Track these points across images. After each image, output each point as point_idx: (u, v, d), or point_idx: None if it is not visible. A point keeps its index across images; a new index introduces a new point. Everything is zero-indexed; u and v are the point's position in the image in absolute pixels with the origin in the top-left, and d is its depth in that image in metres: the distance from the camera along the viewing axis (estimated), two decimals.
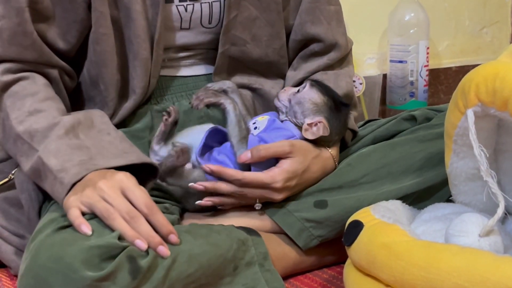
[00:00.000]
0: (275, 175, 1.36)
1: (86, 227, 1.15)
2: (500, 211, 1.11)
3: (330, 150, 1.45)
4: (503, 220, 1.27)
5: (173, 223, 1.28)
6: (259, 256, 1.30)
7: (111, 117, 1.42)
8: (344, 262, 1.27)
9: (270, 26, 1.52)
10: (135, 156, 1.29)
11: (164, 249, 1.16)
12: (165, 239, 1.17)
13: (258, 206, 1.39)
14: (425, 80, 2.52)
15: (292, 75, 1.57)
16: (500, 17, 2.88)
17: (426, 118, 1.56)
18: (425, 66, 2.52)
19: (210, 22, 1.48)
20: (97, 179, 1.20)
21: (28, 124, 1.30)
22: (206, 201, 1.38)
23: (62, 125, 1.29)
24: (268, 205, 1.41)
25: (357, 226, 1.21)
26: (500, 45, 2.87)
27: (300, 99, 1.43)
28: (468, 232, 1.11)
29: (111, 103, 1.42)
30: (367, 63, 2.53)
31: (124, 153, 1.29)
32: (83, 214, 1.18)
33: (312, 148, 1.42)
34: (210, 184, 1.36)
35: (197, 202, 1.38)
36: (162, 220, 1.18)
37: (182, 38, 1.48)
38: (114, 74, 1.41)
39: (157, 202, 1.27)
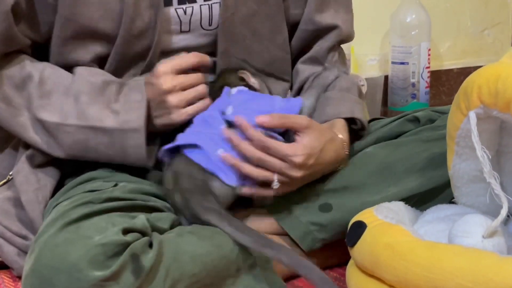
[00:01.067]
0: (297, 148, 1.33)
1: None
2: (503, 212, 1.11)
3: (340, 135, 1.44)
4: (506, 221, 1.27)
5: (174, 224, 1.29)
6: (262, 259, 1.30)
7: None
8: (346, 263, 1.27)
9: (270, 20, 1.51)
10: None
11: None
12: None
13: (276, 184, 1.33)
14: (426, 81, 2.53)
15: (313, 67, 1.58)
16: (502, 19, 2.88)
17: (430, 120, 1.56)
18: (427, 67, 2.52)
19: (210, 24, 1.48)
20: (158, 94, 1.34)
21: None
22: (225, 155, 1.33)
23: (79, 92, 1.35)
24: (272, 207, 1.41)
25: (360, 227, 1.21)
26: (502, 47, 2.87)
27: None
28: (471, 233, 1.12)
29: None
30: (368, 65, 2.53)
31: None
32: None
33: (326, 129, 1.41)
34: (236, 139, 1.32)
35: (220, 151, 1.32)
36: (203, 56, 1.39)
37: (183, 41, 1.47)
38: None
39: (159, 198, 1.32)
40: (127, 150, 1.34)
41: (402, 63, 2.52)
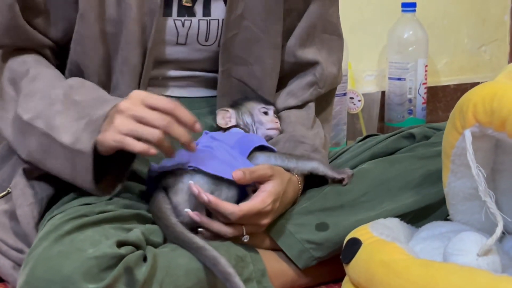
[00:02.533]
0: (265, 198, 1.32)
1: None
2: (498, 231, 1.12)
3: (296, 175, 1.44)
4: (501, 239, 1.28)
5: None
6: (257, 273, 1.30)
7: None
8: (342, 280, 1.27)
9: (274, 48, 1.51)
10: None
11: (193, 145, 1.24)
12: (192, 128, 1.24)
13: (246, 238, 1.32)
14: (423, 97, 2.53)
15: (289, 99, 1.57)
16: (499, 35, 2.89)
17: (425, 136, 1.56)
18: (424, 83, 2.53)
19: (206, 40, 1.48)
20: (114, 112, 1.25)
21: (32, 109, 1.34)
22: (195, 215, 1.29)
23: (56, 100, 1.32)
24: (269, 225, 1.41)
25: (356, 244, 1.21)
26: (499, 64, 2.88)
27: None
28: (466, 251, 1.12)
29: None
30: (366, 80, 2.54)
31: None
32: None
33: (284, 171, 1.40)
34: (206, 220, 1.30)
35: (186, 210, 1.29)
36: (185, 112, 1.24)
37: (178, 53, 1.48)
38: (93, 76, 1.41)
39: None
40: (76, 171, 1.29)
41: (399, 79, 2.53)
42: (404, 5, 2.53)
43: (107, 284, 1.12)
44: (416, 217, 1.42)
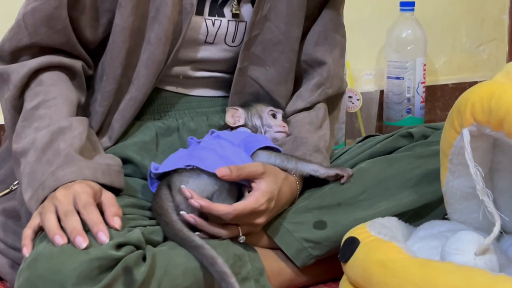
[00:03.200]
0: (258, 198, 1.32)
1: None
2: (496, 230, 1.12)
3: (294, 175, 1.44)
4: (498, 238, 1.28)
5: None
6: (255, 272, 1.31)
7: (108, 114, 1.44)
8: (340, 279, 1.28)
9: (291, 53, 1.53)
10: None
11: (79, 240, 1.14)
12: (95, 236, 1.16)
13: (242, 239, 1.33)
14: (421, 96, 2.53)
15: (298, 102, 1.57)
16: (497, 35, 2.89)
17: (423, 136, 1.57)
18: (422, 82, 2.53)
19: (233, 41, 1.50)
20: (58, 192, 1.22)
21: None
22: (190, 217, 1.29)
23: (36, 146, 1.30)
24: (267, 223, 1.41)
25: (353, 243, 1.21)
26: (497, 63, 2.88)
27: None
28: (464, 250, 1.12)
29: (107, 94, 1.42)
30: (364, 79, 2.54)
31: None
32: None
33: (279, 170, 1.40)
34: (201, 222, 1.30)
35: (182, 212, 1.29)
36: (94, 218, 1.17)
37: (204, 51, 1.49)
38: (117, 68, 1.41)
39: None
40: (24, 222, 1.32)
41: (398, 78, 2.53)
42: (402, 4, 2.53)
43: (105, 285, 1.12)
44: (414, 216, 1.42)
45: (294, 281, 1.42)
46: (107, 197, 1.24)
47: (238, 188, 1.35)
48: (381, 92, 2.56)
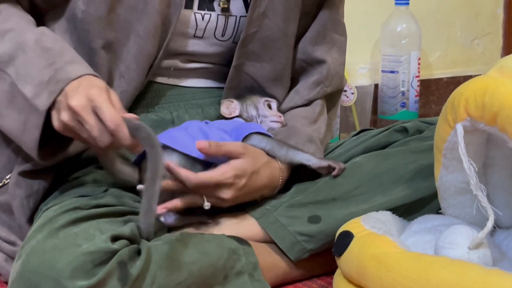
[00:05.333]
0: (225, 171, 1.33)
1: None
2: (489, 224, 1.12)
3: (279, 162, 1.45)
4: (491, 233, 1.28)
5: (161, 229, 1.30)
6: (249, 266, 1.31)
7: None
8: (334, 273, 1.28)
9: (288, 49, 1.53)
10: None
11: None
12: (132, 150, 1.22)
13: (207, 205, 1.33)
14: (416, 90, 2.54)
15: (295, 98, 1.58)
16: (491, 29, 2.89)
17: (418, 130, 1.57)
18: (417, 76, 2.53)
19: (223, 35, 1.50)
20: (69, 98, 1.21)
21: None
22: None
23: (27, 43, 1.29)
24: (261, 216, 1.41)
25: (347, 237, 1.21)
26: (492, 57, 2.89)
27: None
28: (457, 245, 1.12)
29: None
30: (359, 73, 2.54)
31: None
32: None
33: (263, 154, 1.41)
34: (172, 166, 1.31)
35: (138, 187, 1.29)
36: (125, 135, 1.20)
37: (194, 45, 1.49)
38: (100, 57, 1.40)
39: None
40: (26, 127, 1.27)
41: (392, 72, 2.53)
42: None
43: (100, 279, 1.12)
44: (408, 210, 1.42)
45: (288, 275, 1.42)
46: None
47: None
48: (376, 86, 2.57)
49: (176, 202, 1.32)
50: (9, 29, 1.32)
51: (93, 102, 1.20)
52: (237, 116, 1.49)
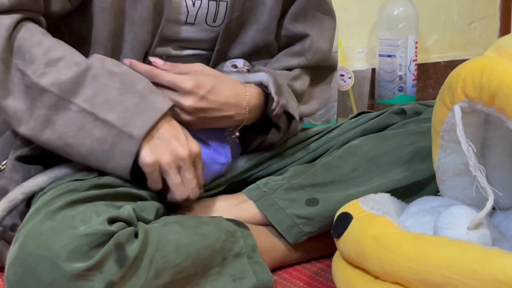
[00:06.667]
0: (185, 76, 1.35)
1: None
2: (489, 204, 1.12)
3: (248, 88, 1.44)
4: (491, 214, 1.28)
5: (158, 212, 1.29)
6: (248, 248, 1.31)
7: None
8: (332, 255, 1.28)
9: (267, 31, 1.52)
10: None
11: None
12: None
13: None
14: (413, 74, 2.54)
15: (275, 65, 1.57)
16: (489, 12, 2.89)
17: (416, 112, 1.57)
18: (414, 60, 2.53)
19: (214, 21, 1.49)
20: (167, 134, 1.27)
21: (52, 76, 1.27)
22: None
23: (93, 71, 1.28)
24: (259, 199, 1.41)
25: (346, 218, 1.21)
26: (489, 40, 2.88)
27: None
28: (457, 225, 1.12)
29: None
30: (356, 57, 2.54)
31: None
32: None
33: (223, 74, 1.42)
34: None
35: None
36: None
37: (185, 32, 1.48)
38: (99, 50, 1.39)
39: (144, 187, 1.31)
40: (113, 153, 1.26)
41: (389, 56, 2.53)
42: None
43: (97, 261, 1.12)
44: (406, 192, 1.43)
45: (287, 257, 1.43)
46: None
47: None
48: (373, 70, 2.57)
49: None
50: (60, 57, 1.28)
51: (195, 155, 1.30)
52: None
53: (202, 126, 1.39)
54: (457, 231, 1.11)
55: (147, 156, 1.25)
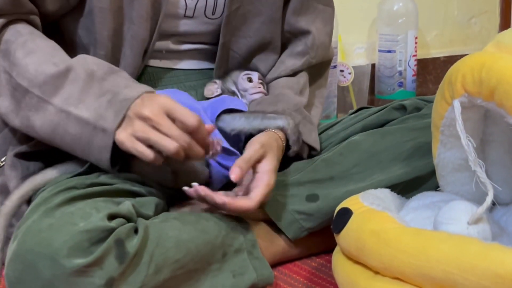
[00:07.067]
0: (270, 180, 1.32)
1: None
2: (489, 199, 1.12)
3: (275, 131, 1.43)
4: (490, 209, 1.28)
5: (157, 207, 1.29)
6: (248, 244, 1.31)
7: None
8: (332, 250, 1.28)
9: (273, 23, 1.52)
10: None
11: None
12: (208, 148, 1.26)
13: None
14: (413, 70, 2.54)
15: (280, 68, 1.57)
16: (489, 7, 2.89)
17: (416, 108, 1.57)
18: (414, 56, 2.53)
19: (213, 13, 1.49)
20: (139, 109, 1.22)
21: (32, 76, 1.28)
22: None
23: (74, 73, 1.28)
24: None
25: (346, 214, 1.21)
26: (489, 35, 2.88)
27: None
28: (457, 220, 1.12)
29: None
30: (356, 53, 2.54)
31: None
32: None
33: (271, 141, 1.39)
34: (203, 192, 1.29)
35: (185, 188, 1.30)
36: (205, 133, 1.24)
37: (184, 25, 1.48)
38: (101, 49, 1.40)
39: (143, 184, 1.31)
40: (91, 148, 1.26)
41: (389, 51, 2.53)
42: None
43: (97, 257, 1.12)
44: (406, 188, 1.43)
45: (287, 253, 1.43)
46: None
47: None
48: (373, 65, 2.57)
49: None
50: (41, 58, 1.30)
51: (166, 107, 1.22)
52: (219, 95, 1.50)
53: None
54: (457, 226, 1.11)
55: (120, 135, 1.23)
